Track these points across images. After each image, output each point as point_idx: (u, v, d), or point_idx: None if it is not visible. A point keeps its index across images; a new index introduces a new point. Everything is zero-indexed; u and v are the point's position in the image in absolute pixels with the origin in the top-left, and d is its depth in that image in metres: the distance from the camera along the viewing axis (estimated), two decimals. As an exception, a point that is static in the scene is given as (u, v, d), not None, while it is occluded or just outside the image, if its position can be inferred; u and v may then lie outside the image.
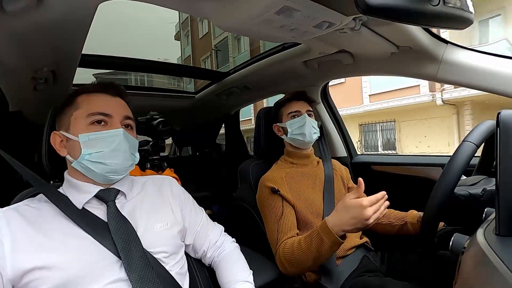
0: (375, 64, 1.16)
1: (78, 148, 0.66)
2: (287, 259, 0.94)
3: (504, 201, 0.44)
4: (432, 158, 1.34)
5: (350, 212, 0.80)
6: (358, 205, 0.78)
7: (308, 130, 1.15)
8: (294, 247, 0.93)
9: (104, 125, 0.68)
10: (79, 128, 0.67)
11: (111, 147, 0.67)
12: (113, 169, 0.68)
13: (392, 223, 1.14)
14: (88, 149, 0.65)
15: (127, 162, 0.70)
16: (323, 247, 0.84)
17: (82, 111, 0.68)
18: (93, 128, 0.67)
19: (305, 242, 0.90)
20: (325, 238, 0.83)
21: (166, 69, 1.88)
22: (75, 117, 0.68)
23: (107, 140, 0.67)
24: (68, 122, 0.68)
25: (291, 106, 1.20)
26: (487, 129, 0.77)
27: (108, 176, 0.68)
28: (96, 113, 0.67)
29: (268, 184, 1.10)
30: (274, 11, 0.68)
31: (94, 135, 0.66)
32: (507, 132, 0.47)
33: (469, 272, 0.49)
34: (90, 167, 0.66)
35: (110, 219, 0.66)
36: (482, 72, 0.90)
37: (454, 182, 0.71)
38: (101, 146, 0.66)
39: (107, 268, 0.62)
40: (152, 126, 1.48)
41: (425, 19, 0.56)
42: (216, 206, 2.18)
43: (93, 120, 0.67)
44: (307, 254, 0.88)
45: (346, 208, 0.81)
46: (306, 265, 0.91)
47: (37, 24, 0.71)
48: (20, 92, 1.11)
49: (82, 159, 0.66)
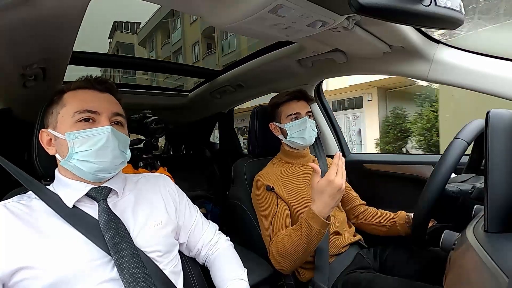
0: (368, 63, 1.17)
1: (65, 147, 0.65)
2: (280, 253, 0.95)
3: (493, 199, 0.45)
4: (423, 157, 1.36)
5: (325, 192, 0.85)
6: (327, 181, 0.85)
7: (308, 134, 1.14)
8: (285, 240, 0.94)
9: (92, 123, 0.66)
10: (66, 126, 0.65)
11: (99, 145, 0.65)
12: (102, 168, 0.66)
13: (382, 223, 1.16)
14: (75, 147, 0.64)
15: (117, 160, 0.68)
16: (312, 232, 0.87)
17: (68, 109, 0.66)
18: (80, 126, 0.65)
19: (295, 233, 0.92)
20: (313, 224, 0.87)
21: (158, 66, 1.87)
22: (62, 115, 0.66)
23: (94, 138, 0.65)
24: (55, 120, 0.67)
25: (291, 107, 1.17)
26: (477, 127, 0.79)
27: (97, 175, 0.66)
28: (83, 110, 0.65)
29: (263, 181, 1.10)
30: (268, 10, 0.68)
31: (80, 133, 0.64)
32: (495, 131, 0.48)
33: (459, 268, 0.50)
34: (79, 165, 0.64)
35: (101, 218, 0.65)
36: (473, 72, 0.92)
37: (445, 179, 0.73)
38: (89, 144, 0.64)
39: (99, 268, 0.62)
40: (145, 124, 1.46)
41: (417, 19, 0.57)
42: (210, 205, 2.17)
43: (80, 118, 0.65)
44: (298, 244, 0.90)
45: (320, 191, 0.87)
46: (298, 255, 0.92)
47: (26, 20, 0.69)
48: (9, 89, 1.09)
49: (70, 158, 0.64)
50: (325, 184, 0.85)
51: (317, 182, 0.88)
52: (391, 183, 1.44)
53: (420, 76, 1.04)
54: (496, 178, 0.45)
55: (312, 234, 0.87)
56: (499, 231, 0.44)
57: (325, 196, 0.86)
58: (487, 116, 0.49)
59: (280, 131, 1.21)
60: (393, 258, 1.10)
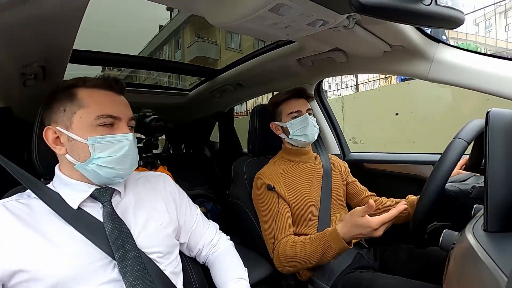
0: (368, 62, 1.16)
1: (84, 151, 0.63)
2: (288, 258, 0.94)
3: (492, 198, 0.45)
4: (423, 156, 1.36)
5: (359, 229, 0.81)
6: (367, 226, 0.79)
7: (310, 131, 1.14)
8: (297, 248, 0.93)
9: (111, 128, 0.65)
10: (85, 129, 0.63)
11: (122, 152, 0.65)
12: (120, 174, 0.66)
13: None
14: (97, 153, 0.63)
15: (134, 167, 0.69)
16: (330, 252, 0.86)
17: (88, 111, 0.64)
18: (100, 130, 0.64)
19: (311, 245, 0.90)
20: (334, 245, 0.85)
21: (158, 65, 1.86)
22: (80, 116, 0.63)
23: (116, 144, 0.65)
24: (69, 119, 0.64)
25: (291, 105, 1.17)
26: (477, 126, 0.78)
27: (113, 180, 0.67)
28: (106, 115, 0.64)
29: (263, 180, 1.10)
30: (268, 9, 0.68)
31: (103, 138, 0.63)
32: (496, 130, 0.48)
33: (458, 267, 0.50)
34: (97, 170, 0.63)
35: (106, 220, 0.65)
36: (473, 71, 0.92)
37: (445, 178, 0.72)
38: (110, 151, 0.64)
39: (100, 269, 0.61)
40: (145, 123, 1.47)
41: (418, 18, 0.57)
42: (210, 204, 2.17)
43: (102, 123, 0.64)
44: (311, 256, 0.89)
45: (356, 225, 0.82)
46: (307, 265, 0.92)
47: (26, 18, 0.69)
48: (8, 88, 1.09)
49: (89, 162, 0.63)
50: (364, 225, 0.79)
51: (359, 218, 0.81)
52: (391, 182, 1.44)
53: (420, 75, 1.04)
54: (496, 177, 0.45)
55: (330, 254, 0.86)
56: (499, 230, 0.44)
57: (356, 230, 0.82)
58: (487, 115, 0.49)
59: (281, 130, 1.20)
60: (393, 257, 1.10)
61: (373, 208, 0.78)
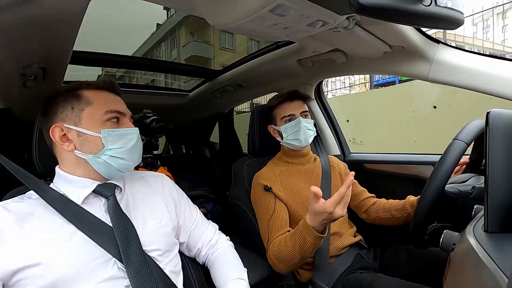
0: (368, 63, 1.16)
1: (96, 144, 0.67)
2: (276, 257, 0.95)
3: (493, 199, 0.45)
4: (423, 157, 1.36)
5: (319, 216, 0.80)
6: (323, 211, 0.78)
7: (303, 135, 1.12)
8: (281, 245, 0.94)
9: (118, 123, 0.71)
10: (95, 124, 0.68)
11: (131, 143, 0.70)
12: (129, 165, 0.71)
13: (395, 216, 1.13)
14: (109, 144, 0.67)
15: (139, 160, 0.74)
16: (307, 244, 0.86)
17: (97, 107, 0.69)
18: (109, 125, 0.69)
19: (290, 240, 0.91)
20: (307, 236, 0.85)
21: (158, 66, 1.86)
22: (89, 113, 0.68)
23: (126, 137, 0.70)
24: (78, 116, 0.68)
25: (284, 109, 1.16)
26: (476, 127, 0.78)
27: (124, 171, 0.71)
28: (114, 110, 0.70)
29: (261, 181, 1.10)
30: (268, 9, 0.68)
31: (113, 131, 0.69)
32: (496, 130, 0.48)
33: (459, 268, 0.50)
34: (109, 161, 0.67)
35: (111, 214, 0.66)
36: (473, 72, 0.92)
37: (445, 179, 0.72)
38: (121, 142, 0.69)
39: (100, 267, 0.62)
40: (145, 124, 1.47)
41: (417, 19, 0.57)
42: (210, 205, 2.17)
43: (110, 117, 0.70)
44: (293, 252, 0.90)
45: (314, 213, 0.81)
46: (293, 261, 0.92)
47: (26, 19, 0.69)
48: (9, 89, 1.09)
49: (102, 154, 0.67)
50: (321, 211, 0.79)
51: (315, 205, 0.80)
52: (391, 182, 1.44)
53: (420, 76, 1.04)
54: (496, 178, 0.45)
55: (307, 246, 0.86)
56: (499, 231, 0.44)
57: (318, 218, 0.81)
58: (487, 116, 0.49)
59: (277, 133, 1.21)
60: (393, 258, 1.10)
61: (318, 195, 0.77)
